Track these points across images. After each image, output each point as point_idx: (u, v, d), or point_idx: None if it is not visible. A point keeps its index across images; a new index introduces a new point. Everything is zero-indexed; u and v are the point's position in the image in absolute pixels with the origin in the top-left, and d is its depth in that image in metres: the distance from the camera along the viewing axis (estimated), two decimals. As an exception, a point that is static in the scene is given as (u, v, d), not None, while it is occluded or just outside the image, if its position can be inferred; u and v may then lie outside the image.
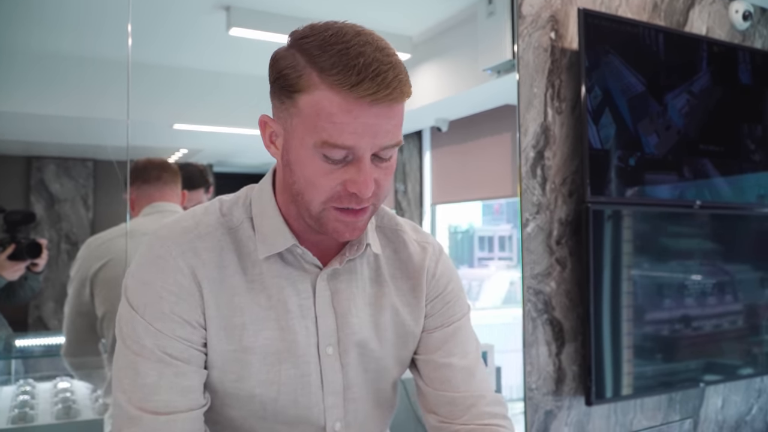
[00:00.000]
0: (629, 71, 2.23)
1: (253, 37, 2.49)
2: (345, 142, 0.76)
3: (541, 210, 2.12)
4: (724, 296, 2.49)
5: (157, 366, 0.81)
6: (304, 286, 0.89)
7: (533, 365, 2.09)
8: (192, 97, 2.96)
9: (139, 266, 0.85)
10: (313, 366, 0.89)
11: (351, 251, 0.90)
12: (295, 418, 0.89)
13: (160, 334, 0.81)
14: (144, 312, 0.82)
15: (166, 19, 2.50)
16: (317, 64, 0.76)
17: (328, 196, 0.80)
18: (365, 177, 0.77)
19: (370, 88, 0.74)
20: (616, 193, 2.19)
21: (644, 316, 2.25)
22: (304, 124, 0.78)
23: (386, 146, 0.79)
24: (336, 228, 0.82)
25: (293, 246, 0.87)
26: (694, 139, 2.42)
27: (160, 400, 0.80)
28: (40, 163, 2.66)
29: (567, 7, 2.21)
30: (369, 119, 0.76)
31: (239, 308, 0.85)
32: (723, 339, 2.49)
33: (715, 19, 2.64)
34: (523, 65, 2.11)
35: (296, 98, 0.78)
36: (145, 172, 1.91)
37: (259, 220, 0.88)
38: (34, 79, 2.28)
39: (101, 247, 1.74)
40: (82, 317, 1.75)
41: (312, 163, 0.78)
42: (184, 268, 0.83)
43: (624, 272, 2.21)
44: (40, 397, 2.15)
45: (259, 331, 0.86)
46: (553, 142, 2.16)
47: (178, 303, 0.82)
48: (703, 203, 2.42)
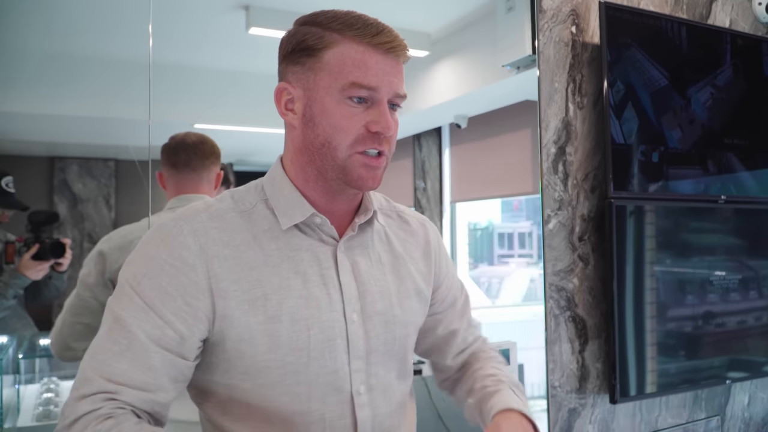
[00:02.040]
0: (652, 65, 2.20)
1: (272, 36, 2.50)
2: (370, 82, 0.89)
3: (563, 206, 2.11)
4: (748, 292, 2.46)
5: (126, 340, 0.84)
6: (325, 256, 0.95)
7: (556, 363, 2.08)
8: (212, 97, 2.98)
9: (145, 243, 0.90)
10: (338, 330, 0.93)
11: (360, 217, 0.99)
12: (324, 385, 0.92)
13: (144, 306, 0.85)
14: (138, 283, 0.86)
15: (185, 20, 2.51)
16: (334, 29, 0.90)
17: (354, 138, 0.90)
18: (386, 117, 0.90)
19: (386, 38, 0.91)
20: (639, 188, 2.16)
21: (668, 313, 2.22)
22: (330, 74, 0.90)
23: (398, 93, 0.93)
24: (360, 174, 0.91)
25: (312, 216, 0.94)
26: (719, 132, 2.38)
27: (116, 369, 0.83)
28: (63, 163, 2.69)
29: (588, 1, 2.19)
30: (386, 66, 0.91)
31: (258, 281, 0.90)
32: (748, 335, 2.45)
33: (738, 12, 2.60)
34: (543, 60, 2.09)
35: (320, 55, 0.90)
36: (174, 155, 1.72)
37: (275, 199, 0.95)
38: (55, 81, 2.31)
39: (123, 243, 1.64)
40: (89, 315, 1.62)
41: (338, 109, 0.90)
42: (192, 245, 0.87)
43: (647, 268, 2.18)
44: (64, 395, 2.17)
45: (282, 300, 0.90)
46: (575, 137, 2.14)
47: (178, 277, 0.86)
48: (728, 198, 2.39)
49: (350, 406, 0.94)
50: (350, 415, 0.94)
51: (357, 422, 0.94)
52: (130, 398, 0.83)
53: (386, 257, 1.03)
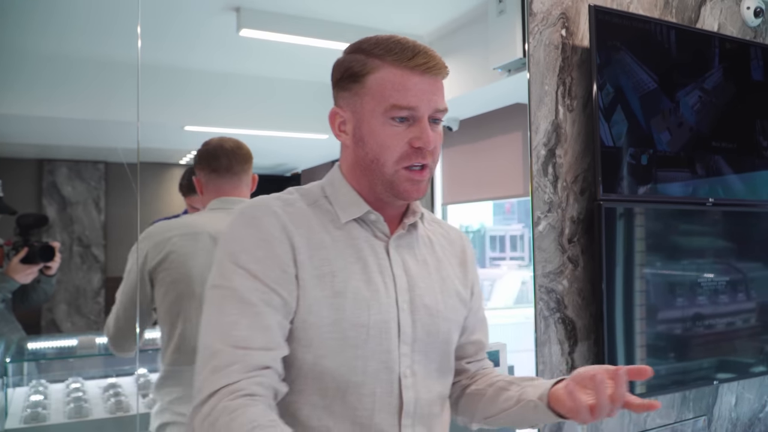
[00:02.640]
0: (641, 68, 2.22)
1: (263, 38, 2.50)
2: (409, 102, 0.97)
3: (553, 208, 2.12)
4: (736, 294, 2.47)
5: (240, 307, 0.92)
6: (380, 249, 1.05)
7: (546, 364, 2.08)
8: (203, 99, 2.97)
9: (235, 228, 0.99)
10: (392, 315, 1.02)
11: (410, 218, 1.08)
12: (378, 362, 1.00)
13: (249, 276, 0.94)
14: (238, 257, 0.95)
15: (176, 21, 2.51)
16: (377, 54, 0.99)
17: (399, 155, 0.99)
18: (427, 133, 0.98)
19: (422, 59, 0.98)
20: (628, 190, 2.18)
21: (657, 315, 2.23)
22: (373, 98, 0.99)
23: (439, 109, 1.00)
24: (406, 188, 1.01)
25: (368, 212, 1.04)
26: (707, 135, 2.40)
27: (239, 336, 0.90)
28: (52, 165, 2.67)
29: (578, 4, 2.20)
30: (424, 85, 0.98)
31: (327, 259, 1.00)
32: (736, 337, 2.47)
33: (726, 16, 2.63)
34: (533, 63, 2.10)
35: (364, 80, 1.00)
36: (215, 160, 1.76)
37: (334, 197, 1.06)
38: (44, 82, 2.30)
39: (163, 240, 1.66)
40: (135, 307, 1.68)
41: (383, 129, 0.99)
42: (276, 223, 0.98)
43: (636, 270, 2.19)
44: (53, 397, 2.16)
45: (347, 279, 1.00)
46: (565, 140, 2.15)
47: (272, 249, 0.96)
48: (716, 200, 2.40)
49: (398, 386, 1.02)
50: (397, 394, 1.02)
51: (403, 401, 1.02)
52: (258, 360, 0.90)
53: (430, 258, 1.12)
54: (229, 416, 0.83)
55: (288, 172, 5.24)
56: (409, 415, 1.03)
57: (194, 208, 2.61)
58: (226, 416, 0.83)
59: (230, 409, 0.84)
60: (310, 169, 4.39)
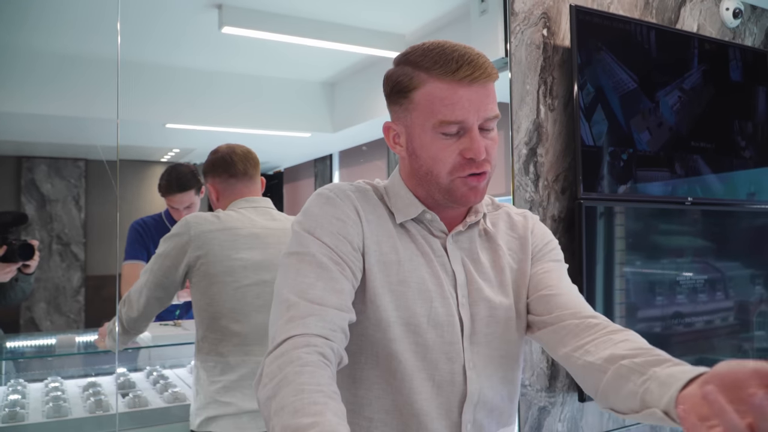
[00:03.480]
0: (621, 68, 2.24)
1: (245, 36, 2.49)
2: (456, 117, 0.97)
3: (534, 207, 2.13)
4: (715, 293, 2.50)
5: (317, 270, 0.96)
6: (437, 246, 1.08)
7: (527, 362, 2.10)
8: (184, 97, 2.95)
9: (312, 206, 1.04)
10: (454, 309, 1.05)
11: (471, 218, 1.10)
12: (439, 352, 1.04)
13: (325, 246, 0.98)
14: (315, 230, 1.00)
15: (158, 18, 2.49)
16: (422, 67, 0.99)
17: (451, 166, 1.00)
18: (477, 144, 0.98)
19: (467, 71, 0.96)
20: (608, 189, 2.20)
21: (636, 313, 2.26)
22: (422, 113, 1.00)
23: (488, 117, 0.99)
24: (464, 194, 1.02)
25: (423, 212, 1.07)
26: (686, 135, 2.43)
27: (315, 294, 0.94)
28: (31, 163, 2.65)
29: (559, 4, 2.22)
30: (471, 96, 0.97)
31: (394, 248, 1.04)
32: (714, 335, 2.50)
33: (706, 17, 2.66)
34: (515, 62, 2.11)
35: (411, 96, 1.01)
36: (232, 166, 1.85)
37: (394, 199, 1.09)
38: (23, 79, 2.27)
39: (203, 236, 1.72)
40: (161, 290, 1.75)
41: (433, 143, 1.00)
42: (350, 205, 1.03)
43: (617, 269, 2.21)
44: (31, 396, 2.14)
45: (413, 269, 1.04)
46: (546, 139, 2.17)
47: (345, 227, 1.01)
48: (694, 200, 2.43)
49: (462, 377, 1.05)
50: (461, 384, 1.05)
51: (467, 392, 1.05)
52: (332, 316, 0.93)
53: (489, 252, 1.13)
54: (300, 368, 0.84)
55: (271, 170, 5.23)
56: (472, 404, 1.06)
57: (174, 209, 2.60)
58: (297, 366, 0.85)
59: (303, 361, 0.85)
60: (292, 167, 4.38)
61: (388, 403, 1.04)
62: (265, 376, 0.86)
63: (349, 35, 2.65)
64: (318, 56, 3.00)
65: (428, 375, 1.04)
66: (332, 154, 4.76)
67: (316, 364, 0.86)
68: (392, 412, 1.04)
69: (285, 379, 0.83)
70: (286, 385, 0.82)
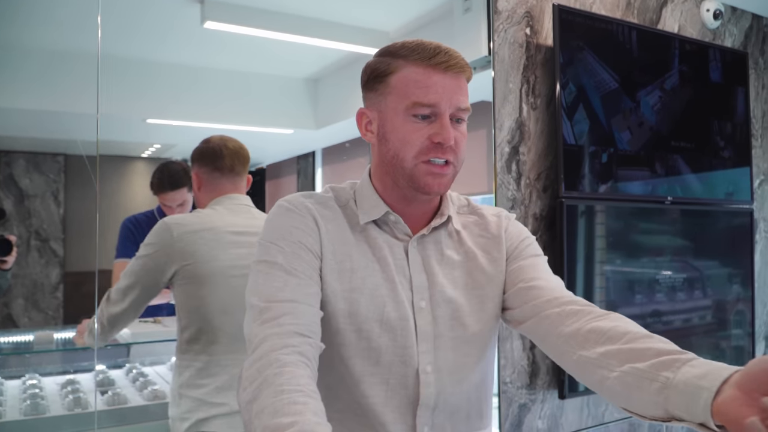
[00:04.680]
0: (603, 68, 2.25)
1: (228, 31, 2.47)
2: (430, 99, 1.00)
3: (516, 205, 2.14)
4: (693, 291, 2.54)
5: (285, 276, 0.99)
6: (398, 250, 1.09)
7: (507, 359, 2.11)
8: (166, 92, 2.92)
9: (273, 218, 1.07)
10: (408, 314, 1.06)
11: (436, 221, 1.11)
12: (392, 356, 1.05)
13: (290, 254, 1.02)
14: (278, 240, 1.03)
15: (139, 13, 2.46)
16: (401, 55, 1.04)
17: (419, 149, 1.02)
18: (446, 129, 1.01)
19: (443, 58, 1.01)
20: (589, 188, 2.21)
21: (616, 311, 2.26)
22: (396, 95, 1.03)
23: (460, 107, 1.02)
24: (426, 181, 1.03)
25: (387, 213, 1.08)
26: (666, 135, 2.45)
27: (286, 295, 0.97)
28: (9, 157, 2.61)
29: (542, 3, 2.23)
30: (445, 83, 1.01)
31: (348, 256, 1.06)
32: (692, 333, 2.53)
33: (687, 18, 2.68)
34: (498, 61, 2.12)
35: (388, 80, 1.04)
36: (219, 159, 1.82)
37: (360, 199, 1.11)
38: (2, 72, 2.24)
39: (186, 237, 1.69)
40: (144, 291, 1.72)
41: (404, 125, 1.03)
42: (309, 216, 1.06)
43: (597, 267, 2.23)
44: (8, 393, 2.11)
45: (366, 276, 1.06)
46: (528, 137, 2.18)
47: (305, 236, 1.04)
48: (674, 199, 2.46)
49: (415, 381, 1.06)
50: (414, 388, 1.06)
51: (420, 396, 1.05)
52: (306, 312, 0.96)
53: (457, 254, 1.13)
54: (279, 369, 0.86)
55: (253, 166, 5.20)
56: (428, 408, 1.06)
57: (168, 207, 2.57)
58: (275, 368, 0.86)
59: (281, 362, 0.87)
60: (274, 164, 4.35)
61: (339, 404, 1.05)
62: (244, 380, 0.87)
63: (332, 32, 2.65)
64: (301, 53, 2.99)
65: (382, 379, 1.05)
66: (315, 151, 4.74)
67: (295, 364, 0.87)
68: (347, 412, 1.06)
69: (265, 382, 0.84)
70: (266, 387, 0.83)
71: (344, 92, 3.34)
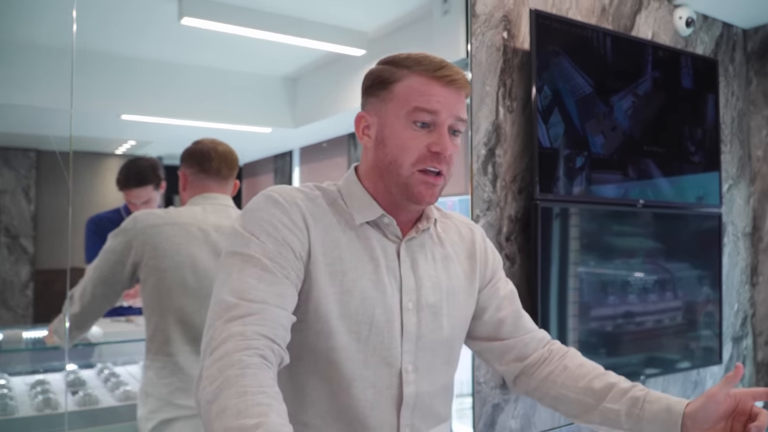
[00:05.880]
0: (578, 72, 2.28)
1: (205, 28, 2.45)
2: (432, 106, 1.03)
3: (492, 207, 2.16)
4: (664, 293, 2.58)
5: (259, 272, 0.96)
6: (390, 251, 1.11)
7: (480, 360, 2.12)
8: (141, 88, 2.89)
9: (257, 207, 1.03)
10: (395, 315, 1.08)
11: (423, 224, 1.14)
12: (379, 357, 1.07)
13: (271, 251, 0.99)
14: (259, 234, 1.00)
15: (116, 7, 2.43)
16: (406, 65, 1.06)
17: (416, 157, 1.04)
18: (445, 140, 1.04)
19: (447, 72, 1.04)
20: (564, 191, 2.24)
21: (589, 312, 2.31)
22: (399, 102, 1.05)
23: (459, 118, 1.06)
24: (420, 191, 1.05)
25: (381, 216, 1.09)
26: (639, 140, 2.49)
27: (256, 295, 0.94)
28: (-21, 152, 2.56)
29: (519, 8, 2.25)
30: (447, 95, 1.04)
31: (339, 258, 1.05)
32: (663, 334, 2.58)
33: (660, 25, 2.73)
34: (476, 63, 2.14)
35: (391, 87, 1.06)
36: (207, 161, 1.81)
37: (349, 199, 1.11)
38: (-28, 65, 2.19)
39: (149, 230, 1.68)
40: (107, 287, 1.71)
41: (404, 131, 1.05)
42: (298, 212, 1.04)
43: (571, 269, 2.26)
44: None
45: (357, 278, 1.06)
46: (504, 140, 2.20)
47: (290, 234, 1.01)
48: (645, 202, 2.50)
49: (398, 380, 1.08)
50: (397, 387, 1.08)
51: (403, 395, 1.08)
52: (274, 314, 0.94)
53: (439, 257, 1.17)
54: (242, 370, 0.84)
55: (230, 165, 5.16)
56: (409, 407, 1.09)
57: (133, 204, 2.54)
58: (237, 369, 0.84)
59: (244, 364, 0.85)
60: (251, 163, 4.33)
61: (324, 408, 1.06)
62: (204, 379, 0.86)
63: (311, 31, 2.64)
64: (280, 51, 2.98)
65: (370, 382, 1.07)
66: (292, 150, 4.72)
67: (258, 366, 0.86)
68: (328, 418, 1.06)
69: (226, 382, 0.83)
70: (227, 387, 0.82)
71: (323, 92, 3.33)
